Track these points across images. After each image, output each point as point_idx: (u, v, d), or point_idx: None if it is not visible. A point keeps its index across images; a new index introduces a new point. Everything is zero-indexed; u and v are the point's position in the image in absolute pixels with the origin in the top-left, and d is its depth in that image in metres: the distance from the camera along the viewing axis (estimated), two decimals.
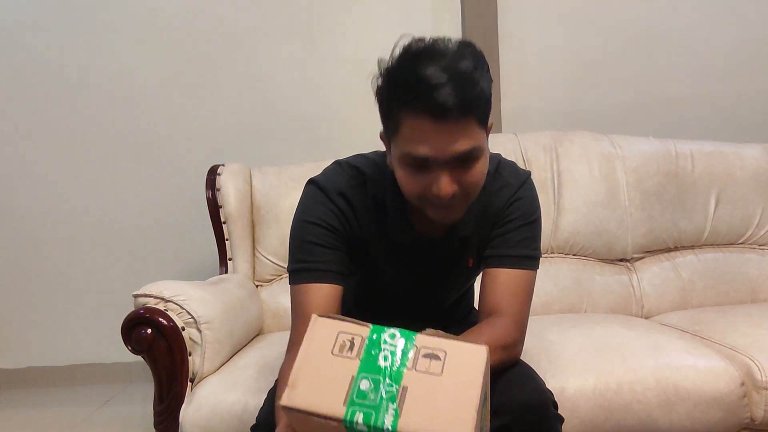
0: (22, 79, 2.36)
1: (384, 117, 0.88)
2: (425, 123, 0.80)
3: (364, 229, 0.99)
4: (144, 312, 1.30)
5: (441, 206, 0.87)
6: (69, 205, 2.39)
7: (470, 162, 0.84)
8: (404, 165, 0.86)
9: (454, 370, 0.54)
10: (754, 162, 1.93)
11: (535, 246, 1.02)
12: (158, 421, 1.30)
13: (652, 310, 1.82)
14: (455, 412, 0.51)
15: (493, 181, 1.02)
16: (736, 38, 2.30)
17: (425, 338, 0.57)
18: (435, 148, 0.81)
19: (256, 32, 2.31)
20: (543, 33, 2.30)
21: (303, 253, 0.95)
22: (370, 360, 0.55)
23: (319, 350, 0.56)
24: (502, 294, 0.97)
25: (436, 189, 0.84)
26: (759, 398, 1.28)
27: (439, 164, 0.83)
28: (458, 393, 0.52)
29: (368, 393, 0.53)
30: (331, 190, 0.97)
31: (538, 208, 1.04)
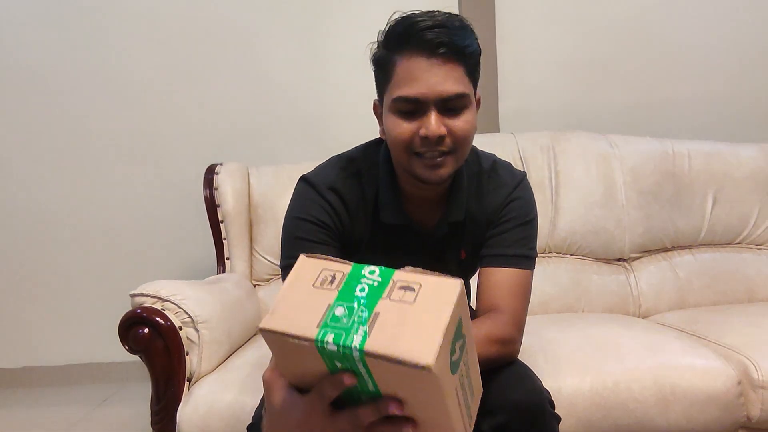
0: (20, 78, 2.35)
1: (379, 73, 0.92)
2: (417, 61, 0.85)
3: (356, 221, 1.00)
4: (141, 311, 1.30)
5: (429, 158, 0.89)
6: (66, 204, 2.39)
7: (458, 110, 0.88)
8: (396, 112, 0.89)
9: (426, 299, 0.56)
10: (751, 162, 1.94)
11: (532, 246, 1.02)
12: (155, 421, 1.30)
13: (649, 310, 1.82)
14: (423, 336, 0.52)
15: (489, 179, 1.03)
16: (734, 38, 2.31)
17: (403, 273, 0.59)
18: (426, 85, 0.85)
19: (254, 31, 2.31)
20: (541, 33, 2.31)
21: (295, 250, 0.96)
22: (347, 291, 0.58)
23: (301, 284, 0.60)
24: (500, 293, 0.97)
25: (424, 130, 0.87)
26: (755, 397, 1.29)
27: (428, 104, 0.86)
28: (428, 319, 0.54)
29: (341, 318, 0.55)
30: (321, 186, 0.98)
31: (535, 209, 1.05)
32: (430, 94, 0.86)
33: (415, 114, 0.88)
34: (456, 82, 0.87)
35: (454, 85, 0.86)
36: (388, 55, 0.89)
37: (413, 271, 0.60)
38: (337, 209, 0.98)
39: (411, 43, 0.86)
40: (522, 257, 1.00)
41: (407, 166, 0.93)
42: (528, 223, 1.02)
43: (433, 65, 0.85)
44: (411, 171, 0.93)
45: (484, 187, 1.02)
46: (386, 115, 0.92)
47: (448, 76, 0.86)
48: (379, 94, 0.95)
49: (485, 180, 1.02)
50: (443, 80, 0.85)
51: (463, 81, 0.88)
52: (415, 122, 0.88)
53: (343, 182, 0.99)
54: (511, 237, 1.00)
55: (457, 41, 0.86)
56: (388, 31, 0.90)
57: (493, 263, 0.99)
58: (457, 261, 1.07)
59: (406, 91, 0.87)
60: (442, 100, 0.87)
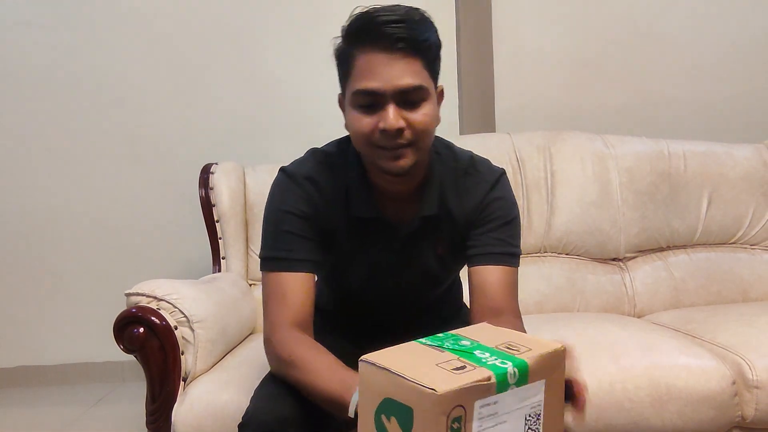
0: (15, 78, 2.34)
1: (340, 67, 0.94)
2: (376, 56, 0.87)
3: (331, 214, 1.01)
4: (136, 311, 1.29)
5: (390, 149, 0.90)
6: (62, 203, 2.38)
7: (417, 103, 0.90)
8: (356, 106, 0.91)
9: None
10: (746, 162, 1.94)
11: (517, 244, 1.04)
12: (150, 421, 1.30)
13: (644, 310, 1.83)
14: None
15: (467, 176, 1.04)
16: (730, 39, 2.31)
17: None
18: (384, 78, 0.87)
19: (251, 31, 2.31)
20: (537, 33, 2.31)
21: (277, 242, 0.99)
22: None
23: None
24: (497, 292, 0.99)
25: (383, 123, 0.88)
26: (750, 397, 1.29)
27: (386, 98, 0.88)
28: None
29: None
30: (299, 176, 1.00)
31: (516, 206, 1.06)
32: (388, 88, 0.87)
33: (374, 107, 0.89)
34: (414, 75, 0.88)
35: (412, 79, 0.88)
36: (348, 49, 0.91)
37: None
38: (314, 198, 0.99)
39: (370, 37, 0.87)
40: (510, 255, 1.02)
41: (371, 158, 0.95)
42: (512, 221, 1.04)
43: (392, 59, 0.87)
44: (374, 163, 0.95)
45: (461, 184, 1.03)
46: (347, 109, 0.94)
47: (407, 69, 0.87)
48: (341, 88, 0.97)
49: (462, 176, 1.04)
50: (401, 74, 0.87)
51: (422, 74, 0.90)
52: (375, 116, 0.89)
53: (319, 173, 1.01)
54: (497, 236, 1.01)
55: (415, 35, 0.87)
56: (348, 26, 0.91)
57: (482, 261, 1.00)
58: (435, 256, 1.07)
59: (364, 84, 0.88)
60: (400, 93, 0.88)
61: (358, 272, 1.07)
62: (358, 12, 0.91)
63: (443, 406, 0.48)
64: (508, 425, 0.52)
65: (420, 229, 1.03)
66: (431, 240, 1.05)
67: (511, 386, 0.52)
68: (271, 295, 0.97)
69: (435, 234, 1.05)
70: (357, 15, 0.91)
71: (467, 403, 0.49)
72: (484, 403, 0.51)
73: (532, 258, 1.88)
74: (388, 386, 0.51)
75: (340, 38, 0.93)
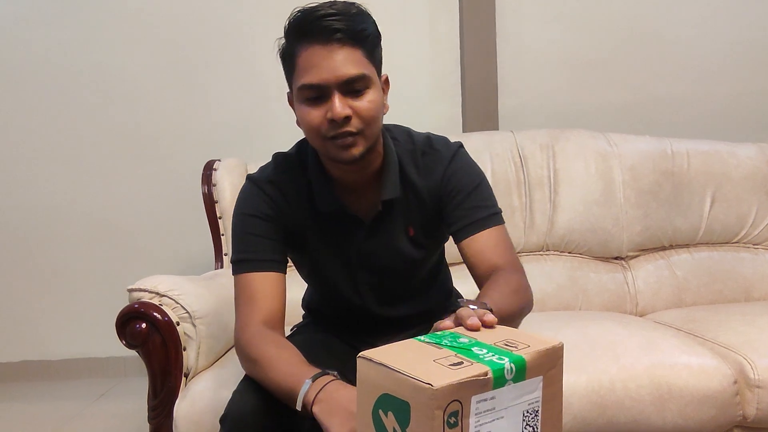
0: (17, 76, 2.35)
1: (285, 65, 0.96)
2: (316, 50, 0.89)
3: (296, 213, 1.03)
4: (139, 306, 1.29)
5: (340, 138, 0.92)
6: (64, 199, 2.39)
7: (361, 90, 0.92)
8: (303, 101, 0.93)
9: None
10: (750, 161, 1.94)
11: (493, 203, 1.05)
12: (152, 416, 1.30)
13: (646, 308, 1.83)
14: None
15: (425, 155, 1.05)
16: (733, 38, 2.31)
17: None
18: (326, 70, 0.89)
19: (252, 27, 2.31)
20: (540, 32, 2.30)
21: (243, 244, 1.02)
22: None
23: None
24: (490, 254, 0.99)
25: (330, 113, 0.90)
26: (751, 396, 1.29)
27: (331, 89, 0.90)
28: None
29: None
30: (261, 180, 1.04)
31: (480, 172, 1.07)
32: (331, 78, 0.89)
33: (320, 99, 0.91)
34: (355, 64, 0.90)
35: (353, 68, 0.90)
36: (290, 46, 0.93)
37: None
38: (276, 201, 1.02)
39: (309, 32, 0.90)
40: (490, 216, 1.02)
41: (324, 151, 0.96)
42: (479, 186, 1.04)
43: (332, 51, 0.89)
44: (327, 154, 0.96)
45: (420, 164, 1.05)
46: (296, 105, 0.95)
47: (347, 59, 0.89)
48: (289, 86, 0.98)
49: (420, 156, 1.05)
50: (342, 64, 0.89)
51: (363, 63, 0.91)
52: (322, 107, 0.91)
53: (280, 176, 1.04)
54: (470, 205, 1.02)
55: (352, 26, 0.89)
56: (288, 24, 0.93)
57: (467, 233, 1.01)
58: (407, 238, 1.08)
59: (308, 78, 0.90)
60: (344, 82, 0.90)
61: (333, 267, 1.08)
62: (296, 10, 0.93)
63: (439, 401, 0.48)
64: (505, 421, 0.53)
65: (386, 215, 1.04)
66: (400, 223, 1.06)
67: (509, 382, 0.53)
68: (239, 297, 1.00)
69: (403, 216, 1.06)
70: (295, 13, 0.93)
71: (464, 398, 0.50)
72: (481, 399, 0.51)
73: (535, 256, 1.88)
74: (385, 381, 0.52)
75: (283, 38, 0.95)
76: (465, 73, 2.27)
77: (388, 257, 1.08)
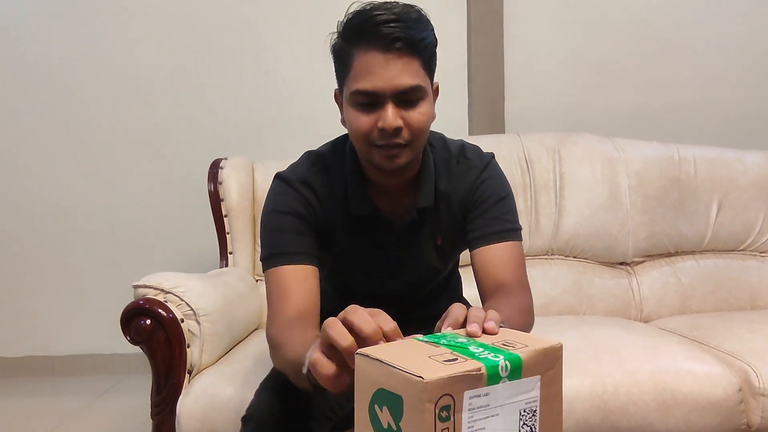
0: (27, 72, 2.36)
1: (338, 64, 0.95)
2: (374, 56, 0.87)
3: (328, 213, 1.02)
4: (143, 303, 1.30)
5: (387, 148, 0.91)
6: (71, 195, 2.40)
7: (415, 102, 0.90)
8: (354, 105, 0.91)
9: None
10: (757, 169, 1.93)
11: (514, 219, 1.04)
12: (155, 412, 1.31)
13: (651, 315, 1.82)
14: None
15: (459, 163, 1.05)
16: (742, 44, 2.30)
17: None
18: (382, 79, 0.87)
19: (261, 26, 2.31)
20: (548, 35, 2.30)
21: (274, 240, 0.99)
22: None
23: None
24: (501, 268, 0.99)
25: (382, 122, 0.89)
26: (756, 404, 1.28)
27: (385, 98, 0.89)
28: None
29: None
30: (293, 180, 1.01)
31: (507, 185, 1.07)
32: (386, 88, 0.88)
33: (373, 106, 0.90)
34: (412, 75, 0.89)
35: (410, 79, 0.88)
36: (345, 47, 0.91)
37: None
38: (310, 201, 1.00)
39: (368, 36, 0.87)
40: (509, 230, 1.02)
41: (367, 156, 0.95)
42: (504, 199, 1.04)
43: (390, 59, 0.87)
44: (371, 161, 0.95)
45: (454, 171, 1.04)
46: (346, 107, 0.94)
47: (404, 69, 0.88)
48: (339, 85, 0.97)
49: (455, 164, 1.05)
50: (399, 74, 0.88)
51: (419, 74, 0.90)
52: (373, 115, 0.90)
53: (313, 176, 1.02)
54: (493, 215, 1.02)
55: (413, 34, 0.87)
56: (345, 23, 0.91)
57: (483, 242, 1.01)
58: (434, 247, 1.08)
59: (363, 84, 0.89)
60: (399, 93, 0.89)
61: (359, 270, 1.08)
62: (354, 9, 0.91)
63: (430, 394, 0.49)
64: (501, 419, 0.53)
65: (418, 222, 1.04)
66: (429, 232, 1.06)
67: (503, 379, 0.53)
68: (271, 292, 0.97)
69: (433, 225, 1.06)
70: (354, 13, 0.91)
71: (456, 392, 0.50)
72: (474, 395, 0.51)
73: (539, 260, 1.88)
74: (380, 377, 0.53)
75: (337, 34, 0.93)
76: (472, 76, 2.27)
77: (414, 264, 1.08)
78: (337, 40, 0.93)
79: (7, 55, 2.36)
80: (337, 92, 0.99)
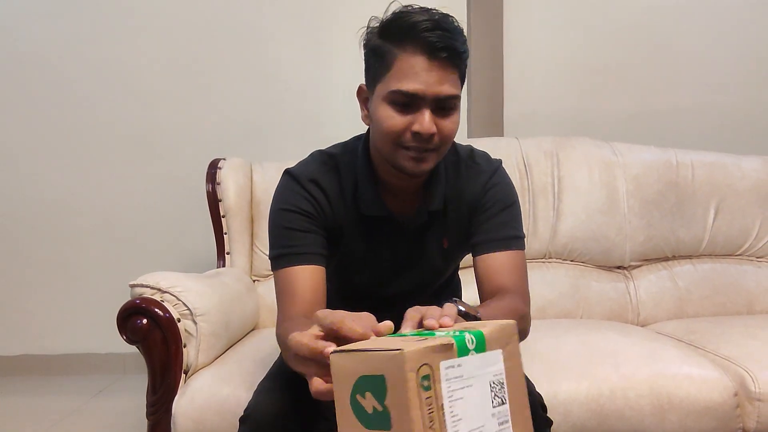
0: (24, 71, 2.36)
1: (374, 60, 0.94)
2: (419, 60, 0.88)
3: (337, 213, 1.03)
4: (140, 302, 1.30)
5: (415, 151, 0.92)
6: (68, 194, 2.39)
7: (449, 110, 0.92)
8: (390, 103, 0.91)
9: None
10: (755, 174, 1.93)
11: (519, 227, 1.05)
12: (151, 412, 1.30)
13: (647, 319, 1.82)
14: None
15: (467, 168, 1.06)
16: (741, 50, 2.31)
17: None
18: (425, 83, 0.89)
19: (260, 27, 2.32)
20: (548, 39, 2.31)
21: (283, 239, 1.00)
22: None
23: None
24: (503, 275, 0.99)
25: (418, 125, 0.90)
26: (752, 409, 1.29)
27: (425, 102, 0.90)
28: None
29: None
30: (303, 177, 1.01)
31: (515, 193, 1.08)
32: (428, 93, 0.89)
33: (408, 108, 0.91)
34: (452, 84, 0.91)
35: (450, 88, 0.90)
36: (387, 45, 0.91)
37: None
38: (318, 200, 1.01)
39: (414, 40, 0.88)
40: (513, 238, 1.03)
41: (391, 157, 0.95)
42: (511, 206, 1.05)
43: (434, 66, 0.88)
44: (394, 161, 0.95)
45: (463, 175, 1.05)
46: (378, 104, 0.93)
47: (446, 78, 0.90)
48: (370, 81, 0.96)
49: (464, 168, 1.06)
50: (441, 81, 0.89)
51: (457, 84, 0.92)
52: (408, 116, 0.91)
53: (323, 175, 1.02)
54: (498, 221, 1.03)
55: (457, 46, 0.90)
56: (387, 22, 0.92)
57: (487, 249, 1.01)
58: (440, 250, 1.08)
59: (405, 85, 0.89)
60: (438, 100, 0.90)
61: (364, 270, 1.08)
62: (397, 10, 0.92)
63: (410, 363, 0.52)
64: (475, 390, 0.56)
65: (427, 224, 1.04)
66: (437, 234, 1.06)
67: (471, 352, 0.56)
68: (280, 292, 0.98)
69: (441, 227, 1.06)
70: (397, 14, 0.92)
71: (433, 362, 0.53)
72: (449, 365, 0.54)
73: (537, 263, 1.88)
74: (358, 365, 0.55)
75: (375, 32, 0.94)
76: (471, 79, 2.27)
77: (420, 266, 1.08)
78: (375, 37, 0.94)
79: (6, 54, 2.36)
80: (364, 87, 0.99)
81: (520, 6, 2.28)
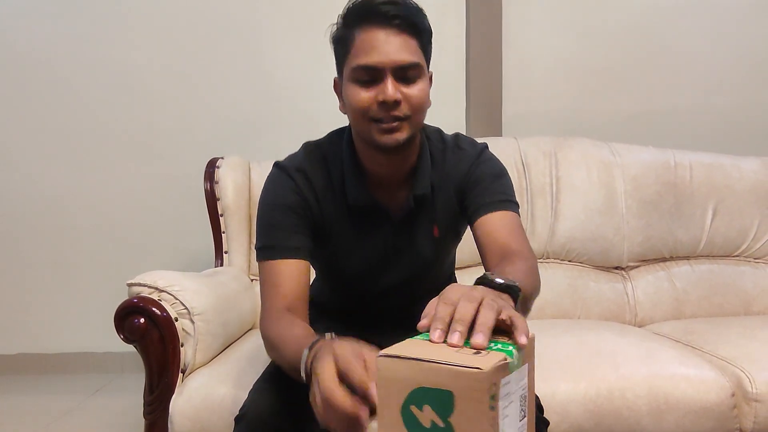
0: (22, 70, 2.36)
1: (338, 48, 0.98)
2: (374, 33, 0.92)
3: (325, 204, 1.04)
4: (137, 301, 1.30)
5: (387, 122, 0.93)
6: (66, 193, 2.39)
7: (413, 79, 0.94)
8: (355, 81, 0.94)
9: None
10: (753, 175, 1.94)
11: (512, 194, 1.06)
12: (148, 411, 1.30)
13: (645, 319, 1.82)
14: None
15: (453, 153, 1.08)
16: (740, 51, 2.31)
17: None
18: (383, 53, 0.91)
19: (258, 26, 2.32)
20: (546, 40, 2.31)
21: (269, 232, 1.02)
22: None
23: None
24: (504, 234, 0.99)
25: (382, 95, 0.92)
26: (749, 410, 1.29)
27: (385, 72, 0.92)
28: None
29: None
30: (290, 168, 1.03)
31: (503, 167, 1.09)
32: (387, 62, 0.91)
33: (373, 82, 0.93)
34: (411, 52, 0.93)
35: (409, 55, 0.93)
36: (347, 30, 0.95)
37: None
38: (306, 191, 1.02)
39: (369, 16, 0.92)
40: (509, 201, 1.03)
41: (366, 135, 0.97)
42: (501, 176, 1.06)
43: (390, 35, 0.91)
44: (370, 139, 0.96)
45: (449, 160, 1.07)
46: (346, 86, 0.96)
47: (404, 46, 0.92)
48: (339, 70, 1.00)
49: (450, 154, 1.07)
50: (399, 49, 0.92)
51: (417, 53, 0.94)
52: (373, 90, 0.93)
53: (310, 166, 1.04)
54: (492, 189, 1.03)
55: (410, 15, 0.93)
56: (347, 10, 0.96)
57: (483, 212, 1.01)
58: (431, 239, 1.08)
59: (364, 60, 0.92)
60: (398, 68, 0.92)
61: (355, 260, 1.09)
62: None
63: (487, 383, 0.49)
64: (514, 406, 0.54)
65: (415, 212, 1.05)
66: (426, 222, 1.07)
67: (516, 368, 0.54)
68: (264, 284, 1.00)
69: (430, 214, 1.07)
70: (354, 1, 0.96)
71: (497, 381, 0.51)
72: (505, 382, 0.52)
73: None
74: (417, 375, 0.52)
75: (338, 24, 0.98)
76: (470, 79, 2.27)
77: (410, 256, 1.09)
78: (338, 28, 0.98)
79: (6, 54, 2.35)
80: (337, 80, 1.02)
81: (519, 6, 2.28)
